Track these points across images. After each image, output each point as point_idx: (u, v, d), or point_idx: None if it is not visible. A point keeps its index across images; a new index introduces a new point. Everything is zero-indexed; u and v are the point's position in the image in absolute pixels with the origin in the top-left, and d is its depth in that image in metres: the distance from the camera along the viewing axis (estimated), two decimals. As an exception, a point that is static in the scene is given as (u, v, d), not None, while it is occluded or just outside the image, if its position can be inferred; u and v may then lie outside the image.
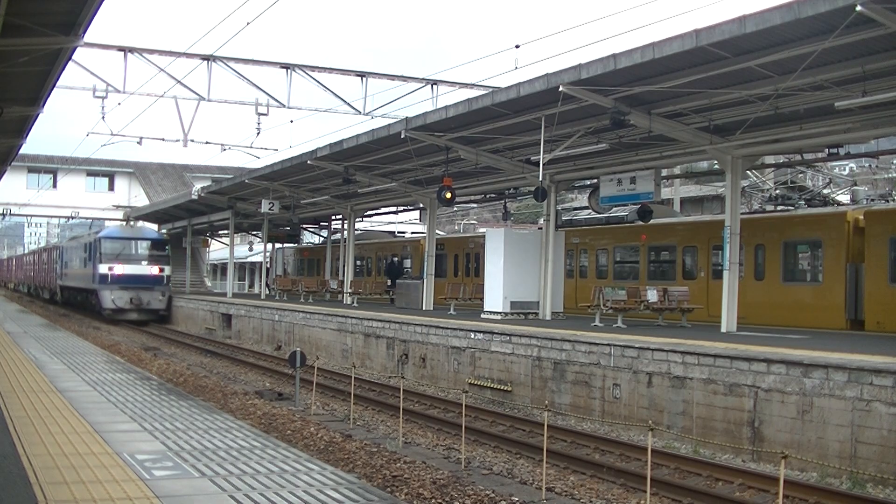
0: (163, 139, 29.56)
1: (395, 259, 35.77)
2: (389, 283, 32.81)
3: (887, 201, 26.86)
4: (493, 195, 30.23)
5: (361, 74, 26.60)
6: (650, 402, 13.74)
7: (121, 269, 38.87)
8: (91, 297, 41.19)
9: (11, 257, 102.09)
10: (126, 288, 38.88)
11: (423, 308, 26.24)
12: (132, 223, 44.45)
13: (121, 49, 23.80)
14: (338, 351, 24.03)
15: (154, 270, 39.84)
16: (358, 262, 38.63)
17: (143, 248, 40.45)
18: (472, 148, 21.24)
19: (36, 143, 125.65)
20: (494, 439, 13.46)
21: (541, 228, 23.46)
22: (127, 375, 13.70)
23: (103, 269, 38.84)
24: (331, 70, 26.31)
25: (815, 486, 10.25)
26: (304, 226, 44.38)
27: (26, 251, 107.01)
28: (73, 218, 60.01)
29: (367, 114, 26.80)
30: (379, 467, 10.55)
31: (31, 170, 55.36)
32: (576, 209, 33.99)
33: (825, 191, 28.71)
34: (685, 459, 11.66)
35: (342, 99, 26.65)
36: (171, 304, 41.01)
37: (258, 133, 27.23)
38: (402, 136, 20.27)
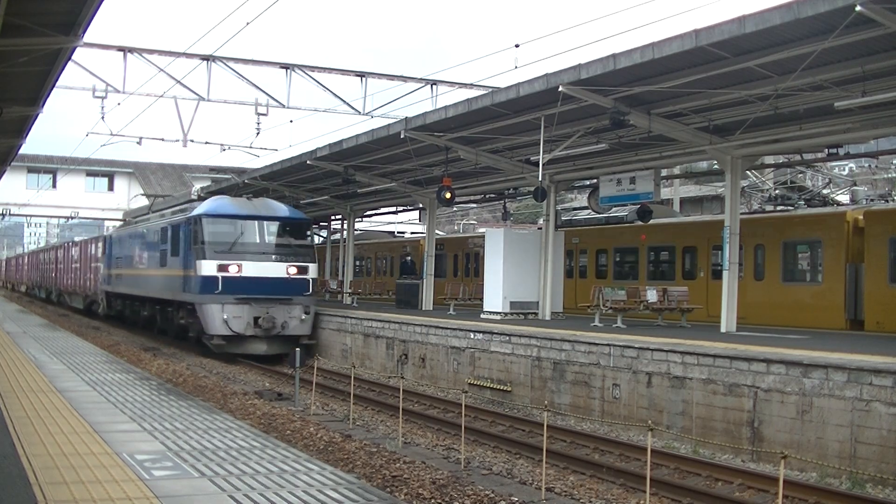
0: (162, 139, 29.45)
1: (409, 259, 35.10)
2: None
3: (887, 201, 26.87)
4: (492, 195, 30.24)
5: (361, 74, 26.59)
6: (650, 402, 13.75)
7: (237, 268, 23.55)
8: (179, 314, 26.09)
9: (23, 254, 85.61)
10: (246, 300, 23.43)
11: (423, 308, 26.24)
12: (249, 195, 27.81)
13: (120, 49, 23.79)
14: (337, 351, 24.03)
15: (291, 270, 24.32)
16: (357, 262, 38.57)
17: (272, 233, 24.91)
18: (472, 148, 21.24)
19: (36, 143, 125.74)
20: (494, 439, 13.46)
21: (540, 228, 23.47)
22: (126, 375, 13.70)
23: (208, 268, 23.42)
24: (330, 70, 26.30)
25: (815, 486, 10.26)
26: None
27: (27, 249, 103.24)
28: (72, 218, 59.99)
29: (367, 114, 26.80)
30: (378, 467, 10.55)
31: (30, 170, 55.35)
32: (575, 209, 33.98)
33: (825, 191, 28.70)
34: (685, 459, 11.67)
35: (342, 99, 26.65)
36: (316, 327, 25.29)
37: (258, 133, 27.17)
38: (402, 136, 20.28)
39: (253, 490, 6.44)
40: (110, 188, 59.07)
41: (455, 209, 49.09)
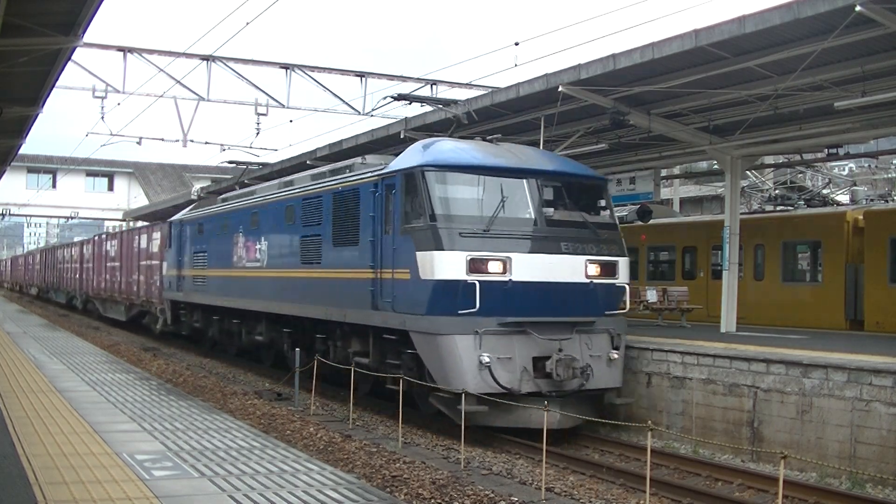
0: (162, 139, 29.56)
1: None
2: None
3: (887, 201, 26.87)
4: (492, 195, 30.14)
5: (361, 74, 26.60)
6: (649, 402, 13.74)
7: (501, 266, 12.07)
8: (351, 346, 15.40)
9: (35, 251, 74.32)
10: (520, 327, 12.16)
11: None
12: (496, 137, 14.56)
13: (120, 49, 23.80)
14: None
15: (592, 270, 12.90)
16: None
17: (552, 201, 13.20)
18: (472, 148, 21.20)
19: (35, 143, 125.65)
20: (494, 439, 13.43)
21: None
22: (126, 375, 13.71)
23: (449, 265, 11.86)
24: (330, 70, 26.31)
25: (815, 486, 10.26)
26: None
27: (26, 249, 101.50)
28: (72, 218, 60.04)
29: (367, 113, 26.80)
30: (378, 467, 10.54)
31: (30, 170, 55.45)
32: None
33: (825, 191, 28.71)
34: (685, 459, 11.67)
35: (341, 99, 26.65)
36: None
37: (258, 133, 27.21)
38: (402, 136, 20.24)
39: (253, 490, 6.44)
40: (110, 188, 59.15)
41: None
